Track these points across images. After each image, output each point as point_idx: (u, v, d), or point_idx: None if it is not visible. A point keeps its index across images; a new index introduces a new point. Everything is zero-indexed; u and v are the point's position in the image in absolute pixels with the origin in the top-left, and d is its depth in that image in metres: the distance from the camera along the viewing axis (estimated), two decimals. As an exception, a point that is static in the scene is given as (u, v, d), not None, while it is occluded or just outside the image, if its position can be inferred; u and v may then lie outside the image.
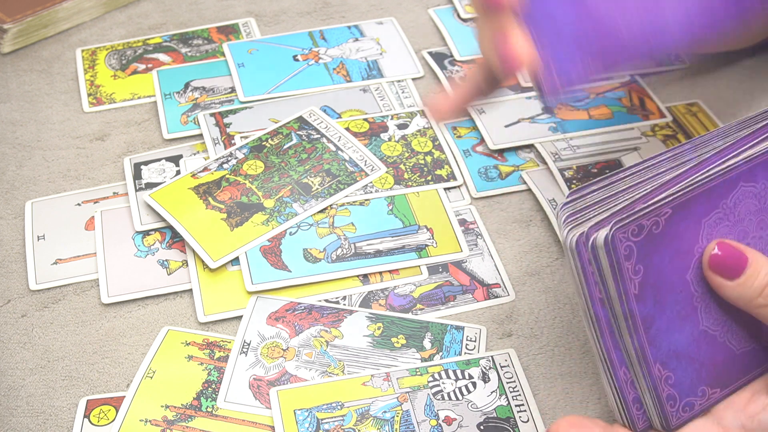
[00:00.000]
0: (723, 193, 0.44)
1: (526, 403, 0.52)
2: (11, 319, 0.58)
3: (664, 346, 0.44)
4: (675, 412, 0.44)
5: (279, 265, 0.59)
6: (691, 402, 0.45)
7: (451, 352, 0.55)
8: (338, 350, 0.55)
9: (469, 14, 0.79)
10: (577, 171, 0.65)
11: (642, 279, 0.42)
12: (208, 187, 0.63)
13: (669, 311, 0.44)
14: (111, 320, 0.57)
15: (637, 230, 0.42)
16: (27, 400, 0.53)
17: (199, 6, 0.81)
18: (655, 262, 0.43)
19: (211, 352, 0.55)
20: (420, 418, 0.51)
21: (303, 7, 0.81)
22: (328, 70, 0.73)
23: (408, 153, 0.67)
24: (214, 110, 0.70)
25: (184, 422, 0.52)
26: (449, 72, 0.73)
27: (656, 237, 0.42)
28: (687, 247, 0.44)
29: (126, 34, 0.78)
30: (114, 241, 0.61)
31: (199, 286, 0.59)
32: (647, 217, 0.42)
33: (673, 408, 0.44)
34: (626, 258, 0.42)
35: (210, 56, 0.76)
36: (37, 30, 0.77)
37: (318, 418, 0.51)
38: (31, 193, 0.65)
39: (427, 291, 0.59)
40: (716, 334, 0.45)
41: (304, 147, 0.66)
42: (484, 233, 0.62)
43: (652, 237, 0.42)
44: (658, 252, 0.43)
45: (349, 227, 0.62)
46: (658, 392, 0.44)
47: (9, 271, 0.60)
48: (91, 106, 0.72)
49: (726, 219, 0.44)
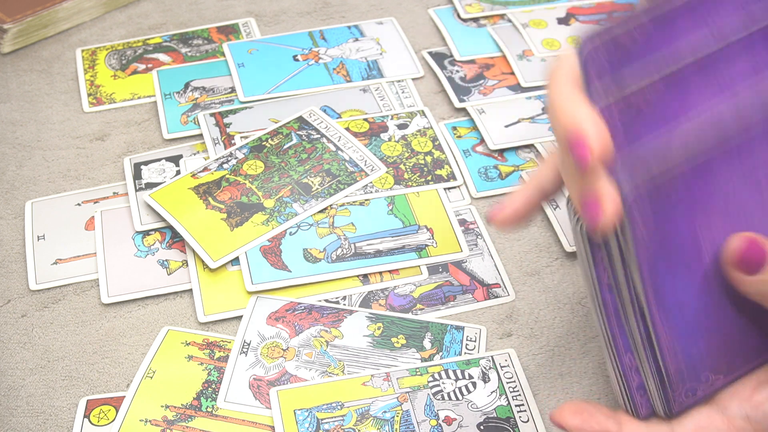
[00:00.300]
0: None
1: (526, 403, 0.52)
2: (11, 319, 0.58)
3: (677, 319, 0.43)
4: (678, 397, 0.44)
5: (279, 265, 0.59)
6: (693, 387, 0.45)
7: (451, 352, 0.55)
8: (338, 350, 0.55)
9: (469, 14, 0.79)
10: (577, 171, 0.65)
11: (654, 241, 0.41)
12: (208, 187, 0.63)
13: (682, 277, 0.43)
14: (111, 320, 0.57)
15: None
16: (27, 400, 0.53)
17: (199, 6, 0.81)
18: (668, 226, 0.42)
19: (211, 352, 0.55)
20: (420, 418, 0.51)
21: (303, 7, 0.81)
22: (328, 70, 0.73)
23: (408, 153, 0.67)
24: (214, 110, 0.70)
25: (184, 422, 0.52)
26: (449, 72, 0.73)
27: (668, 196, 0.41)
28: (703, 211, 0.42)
29: (126, 34, 0.78)
30: (114, 241, 0.61)
31: (199, 286, 0.59)
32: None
33: (674, 393, 0.44)
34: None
35: (210, 56, 0.76)
36: (37, 30, 0.77)
37: (318, 418, 0.51)
38: (31, 193, 0.65)
39: (427, 291, 0.59)
40: (719, 319, 0.45)
41: (304, 147, 0.66)
42: (484, 233, 0.62)
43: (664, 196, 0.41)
44: (671, 213, 0.42)
45: (349, 227, 0.62)
46: (668, 372, 0.44)
47: (9, 271, 0.61)
48: (91, 106, 0.72)
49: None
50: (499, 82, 0.72)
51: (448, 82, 0.72)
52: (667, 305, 0.43)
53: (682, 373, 0.44)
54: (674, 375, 0.44)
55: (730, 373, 0.46)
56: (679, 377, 0.44)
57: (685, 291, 0.43)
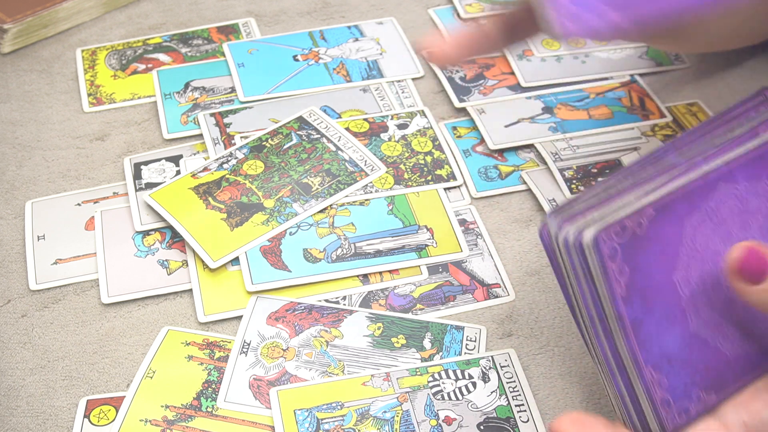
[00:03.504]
0: (704, 194, 0.44)
1: (526, 403, 0.52)
2: (11, 319, 0.58)
3: (655, 349, 0.43)
4: (671, 417, 0.44)
5: (279, 265, 0.59)
6: (686, 406, 0.45)
7: (451, 352, 0.55)
8: (338, 350, 0.55)
9: (469, 14, 0.79)
10: (577, 171, 0.65)
11: (628, 280, 0.42)
12: (208, 187, 0.63)
13: (657, 314, 0.43)
14: (111, 320, 0.57)
15: (621, 231, 0.42)
16: (27, 400, 0.53)
17: (199, 6, 0.81)
18: (640, 263, 0.43)
19: (211, 352, 0.55)
20: (420, 418, 0.51)
21: (303, 7, 0.81)
22: (328, 70, 0.73)
23: (408, 153, 0.67)
24: (214, 110, 0.70)
25: (184, 422, 0.52)
26: (449, 72, 0.73)
27: (640, 238, 0.42)
28: (672, 250, 0.44)
29: (126, 34, 0.78)
30: (114, 241, 0.61)
31: (199, 286, 0.59)
32: (630, 218, 0.42)
33: (668, 413, 0.44)
34: (611, 258, 0.42)
35: (210, 56, 0.76)
36: (37, 30, 0.77)
37: (318, 418, 0.51)
38: (31, 193, 0.65)
39: (427, 291, 0.59)
40: (707, 338, 0.45)
41: (304, 147, 0.66)
42: (484, 233, 0.62)
43: (636, 238, 0.42)
44: (642, 253, 0.43)
45: (349, 227, 0.62)
46: (652, 396, 0.44)
47: (9, 271, 0.61)
48: (91, 106, 0.72)
49: (709, 220, 0.44)
50: (499, 82, 0.72)
51: (448, 82, 0.72)
52: (642, 337, 0.43)
53: (674, 393, 0.44)
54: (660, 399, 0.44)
55: (722, 390, 0.46)
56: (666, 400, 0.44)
57: (661, 325, 0.44)
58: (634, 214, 0.42)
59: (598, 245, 0.41)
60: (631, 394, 0.44)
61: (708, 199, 0.44)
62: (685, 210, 0.44)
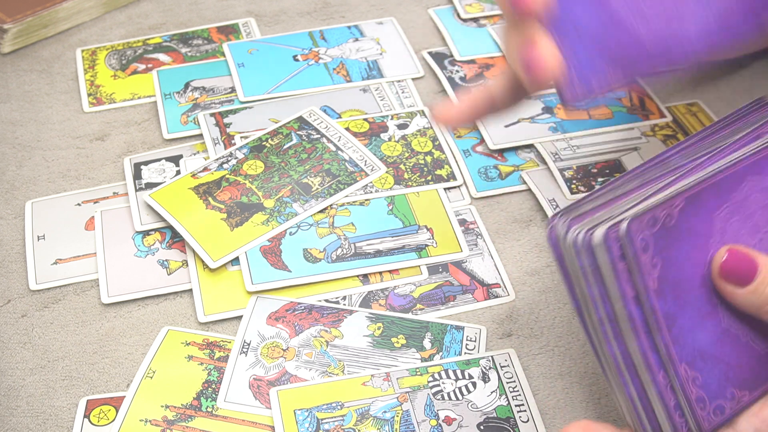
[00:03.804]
0: (732, 186, 0.43)
1: (526, 403, 0.52)
2: (11, 319, 0.58)
3: (689, 345, 0.42)
4: (707, 416, 0.43)
5: (279, 265, 0.59)
6: (721, 405, 0.44)
7: (451, 352, 0.55)
8: (338, 350, 0.55)
9: (469, 14, 0.79)
10: (577, 171, 0.65)
11: (660, 274, 0.41)
12: (208, 187, 0.63)
13: (690, 308, 0.43)
14: (111, 320, 0.57)
15: (652, 221, 0.41)
16: (27, 400, 0.53)
17: (199, 6, 0.81)
18: (672, 255, 0.42)
19: (211, 352, 0.55)
20: (420, 418, 0.51)
21: (303, 7, 0.81)
22: (328, 70, 0.73)
23: (408, 153, 0.67)
24: (214, 110, 0.70)
25: (184, 422, 0.52)
26: (449, 72, 0.73)
27: (671, 229, 0.42)
28: (702, 242, 0.43)
29: (126, 34, 0.78)
30: (114, 241, 0.61)
31: (199, 286, 0.59)
32: (661, 208, 0.41)
33: (703, 411, 0.43)
34: (643, 250, 0.41)
35: (210, 56, 0.76)
36: (37, 30, 0.77)
37: (318, 418, 0.51)
38: (31, 193, 0.65)
39: (427, 291, 0.59)
40: (739, 334, 0.44)
41: (304, 147, 0.66)
42: (484, 233, 0.62)
43: (667, 229, 0.41)
44: (674, 245, 0.42)
45: (349, 227, 0.62)
46: (686, 394, 0.43)
47: (9, 271, 0.61)
48: (91, 106, 0.72)
49: (737, 213, 0.44)
50: (499, 82, 0.72)
51: (448, 82, 0.72)
52: (675, 331, 0.43)
53: (708, 390, 0.44)
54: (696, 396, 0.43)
55: (756, 388, 0.45)
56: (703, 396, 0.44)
57: (694, 320, 0.43)
58: (665, 204, 0.41)
59: (631, 236, 0.40)
60: (643, 399, 0.43)
61: (735, 190, 0.44)
62: (713, 203, 0.43)
